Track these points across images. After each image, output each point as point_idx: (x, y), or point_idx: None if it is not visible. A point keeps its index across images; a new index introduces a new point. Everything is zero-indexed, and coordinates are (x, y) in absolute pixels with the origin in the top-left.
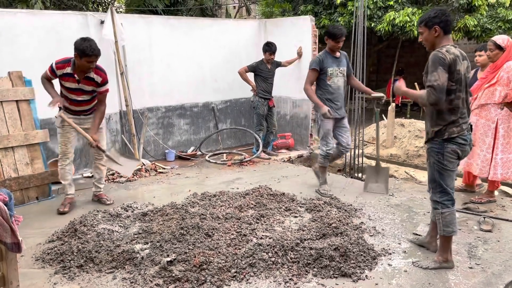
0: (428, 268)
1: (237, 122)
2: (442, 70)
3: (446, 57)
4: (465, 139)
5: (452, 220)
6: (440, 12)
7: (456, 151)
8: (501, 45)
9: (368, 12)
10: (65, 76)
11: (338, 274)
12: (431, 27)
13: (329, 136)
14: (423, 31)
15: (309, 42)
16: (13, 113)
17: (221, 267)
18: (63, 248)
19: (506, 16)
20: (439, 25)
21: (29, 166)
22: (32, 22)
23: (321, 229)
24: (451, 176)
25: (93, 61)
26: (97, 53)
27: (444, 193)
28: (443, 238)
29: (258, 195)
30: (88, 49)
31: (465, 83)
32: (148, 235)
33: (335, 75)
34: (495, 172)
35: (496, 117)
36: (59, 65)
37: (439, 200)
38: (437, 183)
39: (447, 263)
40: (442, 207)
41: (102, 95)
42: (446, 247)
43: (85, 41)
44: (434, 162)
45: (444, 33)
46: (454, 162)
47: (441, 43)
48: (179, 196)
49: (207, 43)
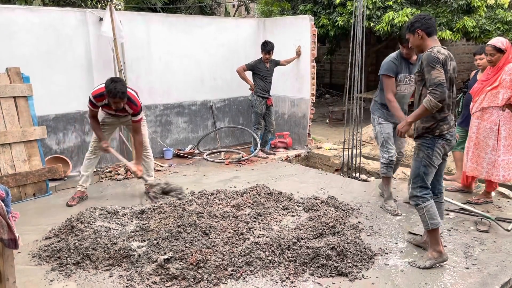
0: (425, 267)
1: (235, 120)
2: (440, 67)
3: (439, 56)
4: (452, 135)
5: (435, 211)
6: (419, 16)
7: (444, 147)
8: (501, 48)
9: (367, 12)
10: (104, 106)
11: (335, 273)
12: (414, 31)
13: (390, 142)
14: (409, 37)
15: (308, 41)
16: (11, 110)
17: (218, 265)
18: (60, 245)
19: (504, 17)
20: (421, 28)
21: (27, 162)
22: (31, 19)
23: (318, 228)
24: (432, 172)
25: (118, 102)
26: (120, 96)
27: (423, 188)
28: (431, 232)
29: (256, 194)
30: (111, 92)
31: (453, 82)
32: (145, 233)
33: (403, 83)
34: (497, 174)
35: (498, 119)
36: (98, 98)
37: (419, 195)
38: (420, 177)
39: (441, 256)
40: (423, 201)
41: (136, 124)
42: (436, 240)
43: (111, 83)
44: (423, 157)
45: (428, 35)
46: (439, 158)
47: (428, 45)
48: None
49: (206, 42)
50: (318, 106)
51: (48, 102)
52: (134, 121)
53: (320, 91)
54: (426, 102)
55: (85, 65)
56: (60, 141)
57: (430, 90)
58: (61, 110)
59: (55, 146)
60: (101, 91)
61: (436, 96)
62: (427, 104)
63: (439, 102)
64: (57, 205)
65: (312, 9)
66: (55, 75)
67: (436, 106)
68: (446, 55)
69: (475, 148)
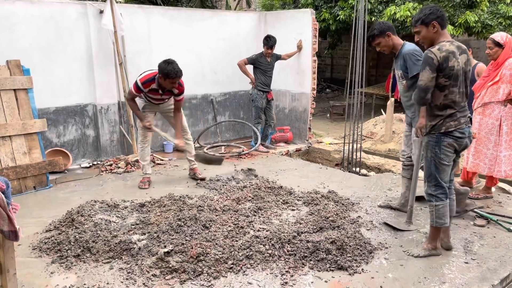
0: (419, 255)
1: (236, 114)
2: (428, 70)
3: (436, 56)
4: (462, 133)
5: (445, 212)
6: (434, 8)
7: (452, 145)
8: (500, 42)
9: (369, 6)
10: (150, 91)
11: (335, 267)
12: (428, 23)
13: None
14: (420, 29)
15: (309, 35)
16: (11, 102)
17: (218, 259)
18: (60, 237)
19: (506, 12)
20: (437, 20)
21: (27, 155)
22: (31, 11)
23: (318, 222)
24: (446, 171)
25: (175, 82)
26: (179, 75)
27: (438, 186)
28: (434, 228)
29: (256, 188)
30: (171, 72)
31: (463, 77)
32: (146, 226)
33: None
34: (499, 170)
35: (500, 114)
36: (146, 84)
37: (434, 194)
38: (433, 176)
39: (435, 250)
40: (436, 200)
41: (179, 102)
42: (435, 236)
43: (168, 64)
44: (431, 156)
45: (441, 28)
46: (451, 156)
47: (439, 38)
48: (176, 188)
49: (207, 35)
50: (319, 100)
51: (49, 95)
52: (178, 100)
53: (321, 86)
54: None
55: (85, 58)
56: (61, 134)
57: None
58: (61, 103)
59: (56, 139)
60: (149, 76)
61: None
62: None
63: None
64: (57, 198)
65: (314, 3)
66: (56, 67)
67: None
68: (451, 51)
69: (477, 144)
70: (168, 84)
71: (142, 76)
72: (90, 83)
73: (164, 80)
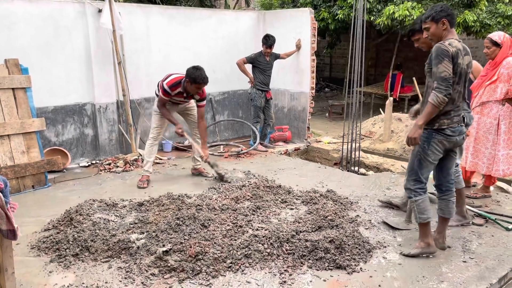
0: (410, 254)
1: (235, 114)
2: (448, 61)
3: (449, 49)
4: (453, 131)
5: (426, 207)
6: (445, 6)
7: (442, 142)
8: (497, 41)
9: (368, 6)
10: (176, 95)
11: (333, 266)
12: (438, 20)
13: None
14: (429, 26)
15: (308, 34)
16: (9, 101)
17: (217, 258)
18: (58, 236)
19: (505, 11)
20: (447, 18)
21: (25, 154)
22: (29, 10)
23: (316, 221)
24: (428, 168)
25: (201, 88)
26: (206, 81)
27: (417, 181)
28: (421, 225)
29: (255, 187)
30: (199, 78)
31: (465, 78)
32: (144, 225)
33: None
34: (497, 169)
35: (498, 113)
36: (173, 88)
37: (412, 188)
38: (414, 171)
39: (428, 247)
40: (415, 195)
41: (202, 109)
42: (425, 233)
43: (196, 70)
44: (418, 150)
45: (450, 26)
46: (437, 154)
47: (447, 36)
48: (175, 187)
49: (206, 34)
50: (317, 100)
51: (47, 94)
52: (200, 105)
53: (320, 85)
54: (432, 98)
55: (84, 57)
56: (59, 133)
57: (435, 85)
58: (60, 102)
59: (54, 138)
60: (176, 80)
61: (442, 91)
62: (434, 100)
63: (445, 97)
64: (56, 197)
65: (313, 2)
66: (54, 66)
67: (443, 101)
68: (459, 48)
69: (475, 143)
70: (194, 89)
71: (168, 80)
72: (88, 82)
73: (191, 85)
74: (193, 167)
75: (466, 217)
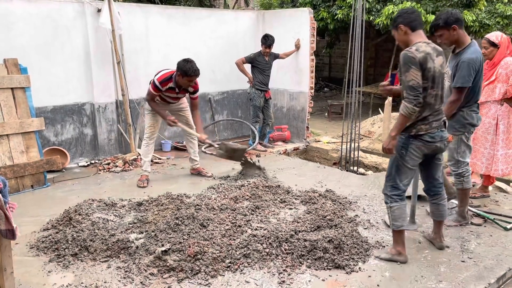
0: (379, 257)
1: (234, 113)
2: (415, 69)
3: (416, 55)
4: (432, 137)
5: (401, 214)
6: (402, 11)
7: (421, 148)
8: (494, 41)
9: (367, 6)
10: (167, 90)
11: (332, 266)
12: (396, 27)
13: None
14: (393, 33)
15: (307, 34)
16: (8, 101)
17: (216, 257)
18: (57, 236)
19: (504, 11)
20: (403, 23)
21: (24, 154)
22: (28, 9)
23: (315, 221)
24: (407, 174)
25: (193, 80)
26: (197, 73)
27: (395, 188)
28: (394, 232)
29: (254, 186)
30: (190, 70)
31: (439, 80)
32: (143, 225)
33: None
34: (496, 168)
35: (497, 113)
36: (164, 83)
37: (389, 194)
38: (392, 176)
39: (399, 256)
40: (391, 201)
41: (195, 101)
42: (398, 241)
43: (187, 63)
44: (395, 156)
45: (412, 30)
46: (416, 160)
47: (412, 40)
48: (174, 186)
49: (205, 34)
50: (317, 99)
51: (46, 94)
52: (194, 98)
53: (319, 85)
54: (402, 108)
55: (83, 57)
56: (58, 133)
57: (404, 94)
58: (59, 101)
59: (53, 138)
60: (166, 75)
61: (411, 100)
62: (404, 111)
63: (415, 107)
64: (55, 196)
65: (312, 2)
66: (53, 66)
67: (413, 111)
68: (428, 52)
69: (474, 143)
70: (186, 82)
71: (159, 76)
72: (87, 82)
73: (182, 78)
74: (192, 167)
75: (465, 217)
